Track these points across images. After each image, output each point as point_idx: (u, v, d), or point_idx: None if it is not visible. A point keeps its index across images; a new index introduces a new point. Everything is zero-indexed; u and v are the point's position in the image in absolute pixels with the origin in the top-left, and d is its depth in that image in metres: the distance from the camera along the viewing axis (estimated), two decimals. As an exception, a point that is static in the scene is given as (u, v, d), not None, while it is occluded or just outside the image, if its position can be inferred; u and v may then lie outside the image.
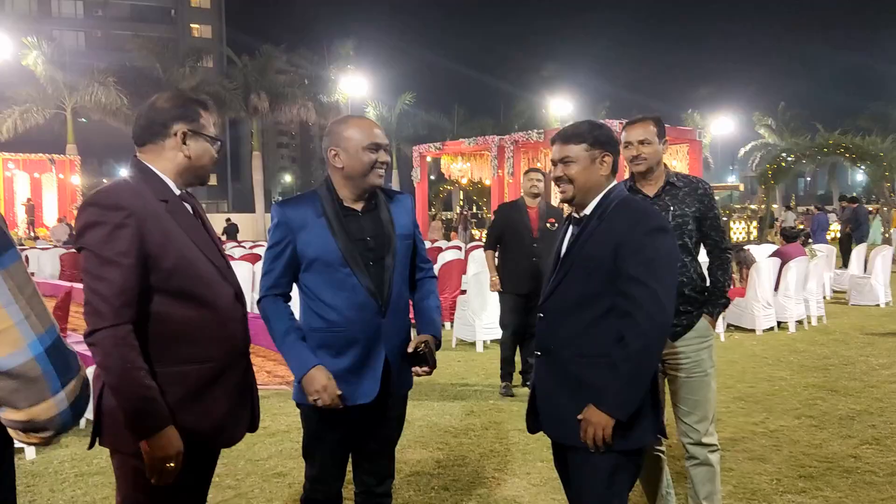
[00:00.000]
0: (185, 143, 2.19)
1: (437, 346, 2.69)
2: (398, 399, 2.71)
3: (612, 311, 2.35)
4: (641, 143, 3.16)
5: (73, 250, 17.62)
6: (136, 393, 1.97)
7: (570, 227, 2.55)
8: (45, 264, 17.51)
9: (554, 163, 2.50)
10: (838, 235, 20.45)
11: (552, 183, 2.55)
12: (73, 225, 27.35)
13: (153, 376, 2.03)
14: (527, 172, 6.42)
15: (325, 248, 2.51)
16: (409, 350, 2.59)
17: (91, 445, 2.18)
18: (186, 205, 2.21)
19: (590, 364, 2.37)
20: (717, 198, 3.44)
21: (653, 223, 2.36)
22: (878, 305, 11.17)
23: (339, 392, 2.47)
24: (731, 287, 4.01)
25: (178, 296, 2.09)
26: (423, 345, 2.58)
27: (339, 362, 2.53)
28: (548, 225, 6.20)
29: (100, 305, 1.97)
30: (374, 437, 2.70)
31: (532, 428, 2.61)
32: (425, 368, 2.60)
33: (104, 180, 55.68)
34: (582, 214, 2.49)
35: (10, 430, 1.23)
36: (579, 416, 2.34)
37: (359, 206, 2.59)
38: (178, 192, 2.21)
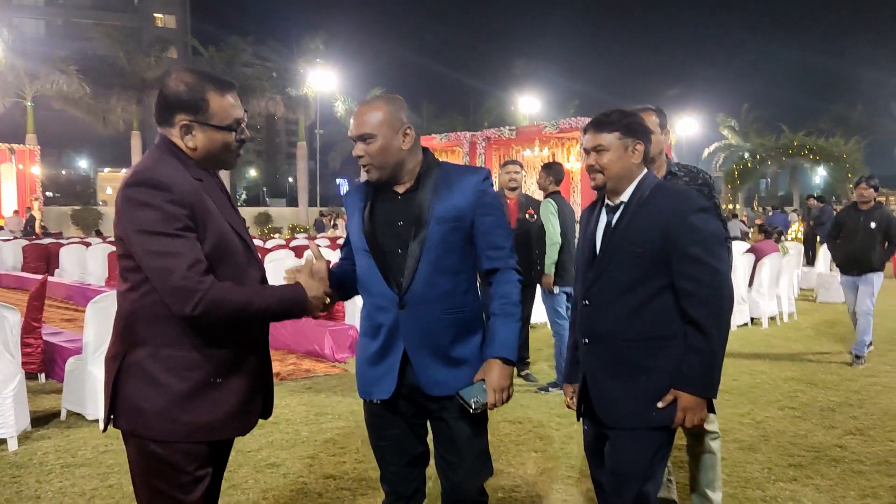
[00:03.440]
0: (188, 135, 2.04)
1: (514, 364, 2.38)
2: (439, 400, 2.37)
3: (660, 294, 2.37)
4: None
5: (31, 242, 17.25)
6: (269, 310, 2.06)
7: (603, 215, 2.54)
8: (7, 256, 17.01)
9: (586, 151, 2.50)
10: (801, 235, 20.87)
11: (587, 169, 2.48)
12: (34, 217, 26.73)
13: (171, 360, 1.96)
14: (504, 165, 6.43)
15: (357, 233, 2.43)
16: (470, 406, 2.31)
17: (105, 428, 2.10)
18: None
19: (642, 347, 2.39)
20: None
21: (698, 203, 2.40)
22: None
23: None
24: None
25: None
26: (474, 401, 2.29)
27: (369, 350, 2.43)
28: (527, 216, 6.22)
29: (180, 283, 1.88)
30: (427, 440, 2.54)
31: (581, 415, 2.61)
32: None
33: (63, 171, 54.62)
34: (617, 202, 2.48)
35: None
36: (661, 405, 2.35)
37: (401, 189, 2.38)
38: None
